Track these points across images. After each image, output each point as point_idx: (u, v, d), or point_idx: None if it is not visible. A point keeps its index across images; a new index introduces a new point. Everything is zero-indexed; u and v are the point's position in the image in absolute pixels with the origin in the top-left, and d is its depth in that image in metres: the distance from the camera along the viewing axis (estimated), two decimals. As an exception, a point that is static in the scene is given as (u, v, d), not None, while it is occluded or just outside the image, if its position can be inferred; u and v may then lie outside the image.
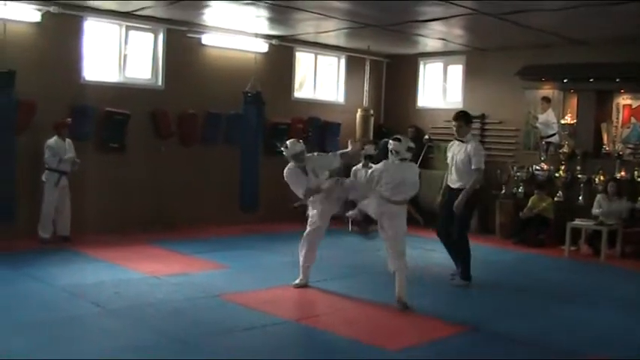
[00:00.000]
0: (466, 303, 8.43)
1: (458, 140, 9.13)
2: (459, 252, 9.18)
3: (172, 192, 12.68)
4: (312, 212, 8.68)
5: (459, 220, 8.96)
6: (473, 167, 8.83)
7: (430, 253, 11.46)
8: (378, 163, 8.42)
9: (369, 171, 8.43)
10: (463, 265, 9.13)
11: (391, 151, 7.94)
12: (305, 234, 8.65)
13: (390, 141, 8.06)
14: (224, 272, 9.41)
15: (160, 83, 12.67)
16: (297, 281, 8.66)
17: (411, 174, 8.03)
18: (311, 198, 8.53)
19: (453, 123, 9.12)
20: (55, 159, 10.68)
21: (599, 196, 12.15)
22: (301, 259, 8.67)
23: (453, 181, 9.10)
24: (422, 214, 12.34)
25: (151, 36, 12.60)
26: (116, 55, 12.23)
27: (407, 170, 7.99)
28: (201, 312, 7.42)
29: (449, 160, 9.21)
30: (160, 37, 12.62)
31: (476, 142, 9.21)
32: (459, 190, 8.88)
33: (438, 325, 7.32)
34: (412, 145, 8.10)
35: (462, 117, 9.16)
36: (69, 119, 11.00)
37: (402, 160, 7.90)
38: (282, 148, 8.51)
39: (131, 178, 12.22)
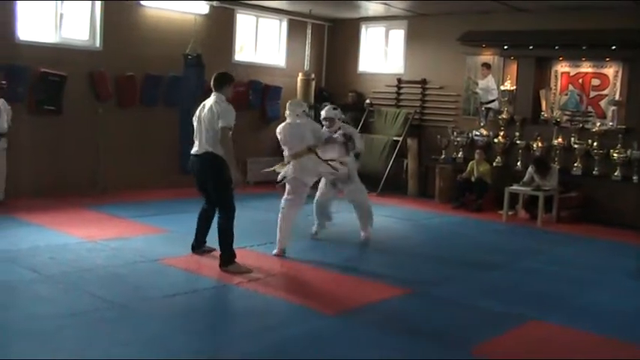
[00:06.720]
0: (405, 266, 8.51)
1: None
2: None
3: (110, 155, 12.39)
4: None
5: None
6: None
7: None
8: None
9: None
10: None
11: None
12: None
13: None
14: (164, 236, 9.30)
15: (97, 44, 12.31)
16: None
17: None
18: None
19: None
20: None
21: (530, 169, 12.30)
22: None
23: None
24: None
25: (88, -6, 12.26)
26: (52, 14, 11.83)
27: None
28: (141, 277, 7.33)
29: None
30: (98, -5, 12.28)
31: None
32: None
33: (377, 289, 7.38)
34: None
35: None
36: (4, 82, 10.61)
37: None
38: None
39: (68, 140, 11.93)
